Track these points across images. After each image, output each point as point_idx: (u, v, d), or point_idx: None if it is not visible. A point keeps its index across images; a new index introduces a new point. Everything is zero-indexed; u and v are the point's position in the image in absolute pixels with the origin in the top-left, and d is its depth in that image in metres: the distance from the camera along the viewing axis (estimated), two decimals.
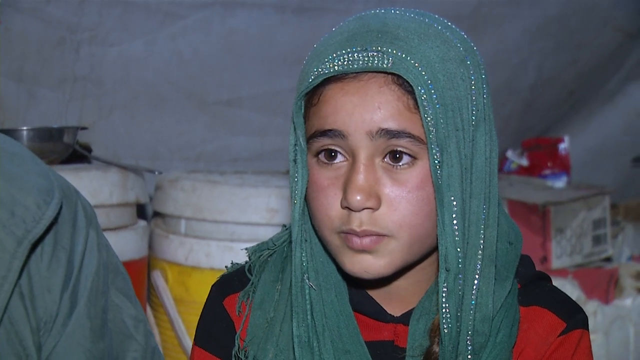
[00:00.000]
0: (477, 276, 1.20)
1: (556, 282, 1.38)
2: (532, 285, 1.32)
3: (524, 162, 3.55)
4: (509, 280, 1.26)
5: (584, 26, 3.84)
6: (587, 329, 1.31)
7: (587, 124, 4.16)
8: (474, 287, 1.20)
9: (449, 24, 1.23)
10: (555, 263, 3.08)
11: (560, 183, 3.40)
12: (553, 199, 3.13)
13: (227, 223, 2.70)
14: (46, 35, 2.96)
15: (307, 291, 1.25)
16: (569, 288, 2.88)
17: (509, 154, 3.61)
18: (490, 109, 1.23)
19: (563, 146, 3.55)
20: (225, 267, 1.41)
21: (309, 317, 1.25)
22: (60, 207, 1.21)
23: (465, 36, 1.23)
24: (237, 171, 3.11)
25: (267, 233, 2.62)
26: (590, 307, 2.90)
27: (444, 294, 1.19)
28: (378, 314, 1.29)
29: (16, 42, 2.93)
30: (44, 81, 3.04)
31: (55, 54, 3.01)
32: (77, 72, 3.07)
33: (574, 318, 1.29)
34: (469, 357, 1.21)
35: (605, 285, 3.07)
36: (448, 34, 1.20)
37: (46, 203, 1.17)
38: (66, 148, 2.59)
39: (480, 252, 1.20)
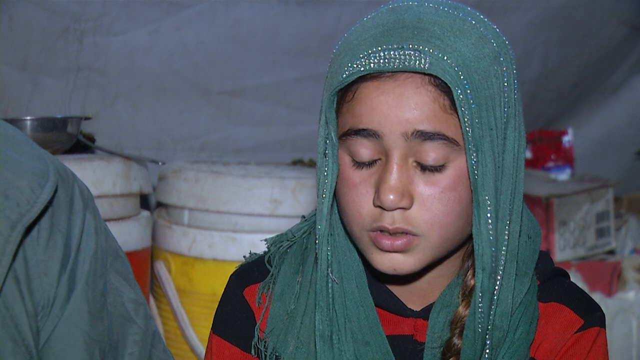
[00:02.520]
0: (500, 272, 1.20)
1: None
2: (551, 281, 1.32)
3: (528, 154, 3.54)
4: (527, 276, 1.26)
5: (588, 18, 3.83)
6: (604, 327, 1.31)
7: (591, 116, 4.16)
8: (497, 283, 1.20)
9: (482, 16, 1.22)
10: (559, 255, 3.08)
11: (563, 175, 3.40)
12: (556, 192, 3.13)
13: (231, 214, 2.70)
14: (50, 24, 2.96)
15: (329, 285, 1.25)
16: (572, 281, 2.87)
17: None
18: (520, 104, 1.22)
19: (567, 139, 3.55)
20: (244, 256, 1.42)
21: (331, 310, 1.25)
22: (56, 190, 1.20)
23: (497, 29, 1.23)
24: (240, 162, 3.10)
25: (271, 224, 2.64)
26: (599, 305, 2.89)
27: (480, 294, 1.19)
28: (398, 308, 1.29)
29: (20, 32, 2.93)
30: (47, 70, 3.03)
31: (59, 43, 3.00)
32: (81, 62, 3.07)
33: (592, 316, 1.29)
34: (487, 351, 1.22)
35: (608, 278, 3.07)
36: (482, 29, 1.19)
37: (40, 186, 1.16)
38: (70, 138, 2.59)
39: (504, 248, 1.20)
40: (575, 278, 2.95)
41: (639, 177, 4.23)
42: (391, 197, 1.16)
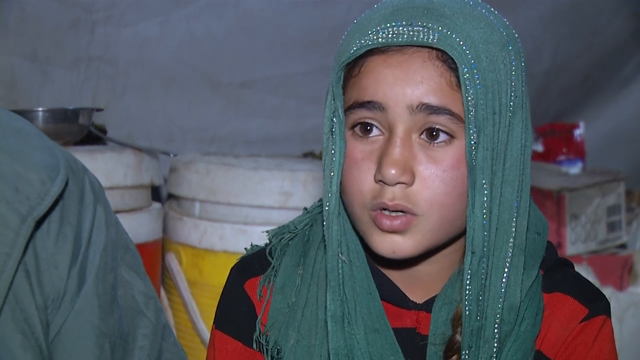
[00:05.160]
0: (507, 264, 1.19)
1: None
2: (555, 271, 1.31)
3: (539, 147, 3.53)
4: (534, 269, 1.25)
5: (597, 12, 3.82)
6: (609, 316, 1.31)
7: (601, 109, 4.14)
8: (504, 275, 1.19)
9: (492, 9, 1.22)
10: (570, 249, 3.07)
11: (575, 169, 3.39)
12: (568, 185, 3.12)
13: (241, 206, 2.69)
14: (61, 15, 2.96)
15: (340, 266, 1.23)
16: (583, 274, 2.86)
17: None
18: (528, 98, 1.21)
19: (578, 132, 3.53)
20: (245, 249, 1.40)
21: (342, 292, 1.23)
22: (66, 184, 1.19)
23: (507, 22, 1.22)
24: (251, 154, 3.10)
25: (281, 216, 2.63)
26: (604, 294, 2.88)
27: (468, 277, 1.18)
28: (400, 300, 1.28)
29: (31, 23, 2.93)
30: (58, 61, 3.04)
31: (70, 35, 3.01)
32: (92, 53, 3.07)
33: (596, 304, 1.29)
34: (495, 344, 1.21)
35: (620, 272, 3.06)
36: (492, 18, 1.19)
37: (51, 179, 1.15)
38: (81, 129, 2.59)
39: (511, 240, 1.19)
40: (587, 272, 2.94)
41: None
42: (393, 171, 1.15)
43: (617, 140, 4.17)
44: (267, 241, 1.37)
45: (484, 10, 1.19)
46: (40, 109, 2.53)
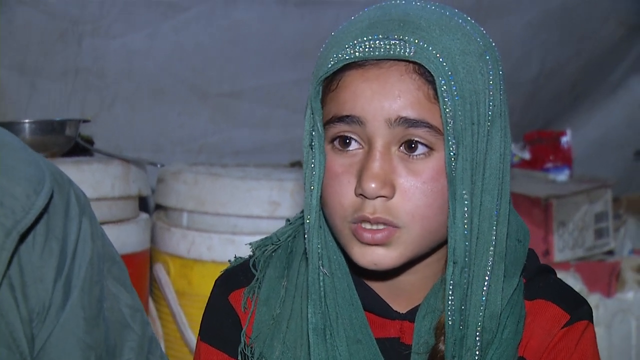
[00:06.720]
0: (488, 273, 1.20)
1: (559, 276, 1.38)
2: (537, 278, 1.31)
3: (526, 155, 3.53)
4: (516, 277, 1.26)
5: (586, 19, 3.83)
6: (592, 321, 1.31)
7: (589, 117, 4.15)
8: (485, 284, 1.20)
9: (469, 18, 1.22)
10: (558, 256, 3.07)
11: (562, 176, 3.39)
12: (555, 193, 3.13)
13: (229, 216, 2.70)
14: (49, 27, 2.96)
15: (321, 278, 1.24)
16: (571, 281, 2.87)
17: (511, 147, 3.59)
18: (506, 106, 1.22)
19: (565, 139, 3.54)
20: (229, 261, 1.41)
21: (323, 304, 1.24)
22: (52, 197, 1.19)
23: (484, 31, 1.23)
24: (239, 164, 3.11)
25: (269, 226, 2.63)
26: (592, 301, 2.89)
27: (450, 287, 1.19)
28: (384, 310, 1.28)
29: (19, 34, 2.93)
30: (46, 73, 3.04)
31: (58, 46, 3.01)
32: (79, 64, 3.07)
33: (578, 310, 1.29)
34: (477, 352, 1.21)
35: (607, 279, 3.06)
36: (468, 28, 1.20)
37: (36, 193, 1.16)
38: (68, 141, 2.59)
39: (492, 248, 1.20)
40: (574, 279, 2.94)
41: (638, 178, 4.22)
42: (373, 185, 1.16)
43: (605, 148, 4.18)
44: (251, 253, 1.37)
45: (460, 20, 1.20)
46: (27, 120, 2.53)
